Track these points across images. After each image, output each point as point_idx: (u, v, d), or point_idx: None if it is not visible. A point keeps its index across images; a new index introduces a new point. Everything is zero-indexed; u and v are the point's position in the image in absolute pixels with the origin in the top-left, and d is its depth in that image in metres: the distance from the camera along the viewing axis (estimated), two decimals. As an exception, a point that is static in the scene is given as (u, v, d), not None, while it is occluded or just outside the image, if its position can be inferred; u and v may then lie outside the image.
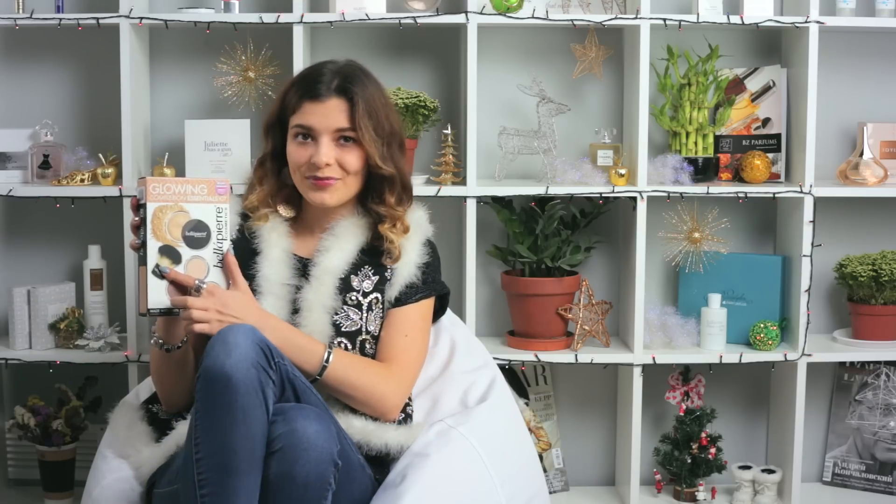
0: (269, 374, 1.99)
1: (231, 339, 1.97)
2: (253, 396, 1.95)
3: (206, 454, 1.95)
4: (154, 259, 2.06)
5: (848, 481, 3.23)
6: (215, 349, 1.96)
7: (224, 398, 1.94)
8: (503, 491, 2.25)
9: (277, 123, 2.35)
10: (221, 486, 1.93)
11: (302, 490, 1.95)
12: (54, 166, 2.99)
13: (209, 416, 1.95)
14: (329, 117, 2.26)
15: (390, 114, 2.33)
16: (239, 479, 1.93)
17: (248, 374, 1.95)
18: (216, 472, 1.94)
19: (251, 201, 2.36)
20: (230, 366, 1.94)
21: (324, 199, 2.28)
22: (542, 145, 3.03)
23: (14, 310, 2.98)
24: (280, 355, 2.05)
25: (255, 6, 3.10)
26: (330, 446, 1.97)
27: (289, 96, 2.32)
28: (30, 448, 3.11)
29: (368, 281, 2.31)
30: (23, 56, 3.13)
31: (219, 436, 1.94)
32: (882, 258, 3.08)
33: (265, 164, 2.37)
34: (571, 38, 3.09)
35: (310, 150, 2.27)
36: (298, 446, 1.95)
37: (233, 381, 1.94)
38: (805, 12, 2.96)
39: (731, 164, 3.14)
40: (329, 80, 2.28)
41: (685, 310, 3.14)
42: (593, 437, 3.29)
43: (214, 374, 1.95)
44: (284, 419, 1.97)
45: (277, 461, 1.95)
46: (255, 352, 1.97)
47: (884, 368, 3.19)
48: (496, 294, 3.20)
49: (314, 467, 1.95)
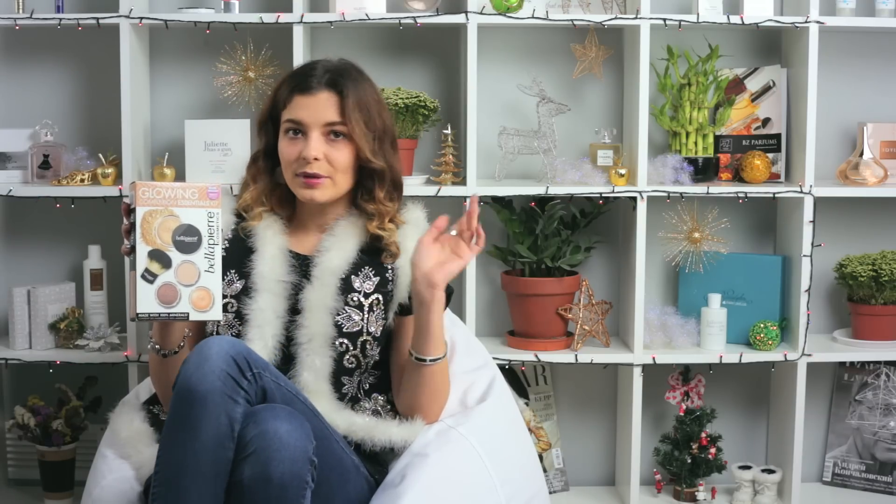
0: (241, 384, 1.99)
1: (205, 351, 1.99)
2: (210, 409, 1.95)
3: (159, 468, 1.98)
4: (143, 263, 2.06)
5: (848, 481, 3.23)
6: (187, 363, 1.99)
7: (181, 412, 1.96)
8: (503, 491, 2.25)
9: (270, 120, 2.35)
10: (166, 499, 1.95)
11: (279, 490, 1.94)
12: (54, 166, 2.99)
13: (168, 431, 1.98)
14: (318, 110, 2.26)
15: (383, 111, 2.33)
16: (186, 494, 1.94)
17: (212, 387, 1.95)
18: (165, 486, 1.96)
19: (245, 200, 2.36)
20: (195, 380, 1.96)
21: (313, 196, 2.28)
22: (542, 145, 3.03)
23: (14, 310, 2.98)
24: (261, 366, 2.05)
25: (255, 6, 3.10)
26: (304, 444, 1.96)
27: (280, 92, 2.33)
28: (30, 448, 3.11)
29: (369, 282, 2.31)
30: (23, 56, 3.13)
31: (170, 450, 1.96)
32: (882, 258, 3.08)
33: (258, 162, 2.38)
34: (571, 38, 3.09)
35: (299, 146, 2.27)
36: (271, 447, 1.94)
37: (192, 395, 1.95)
38: (805, 12, 2.96)
39: (731, 164, 3.14)
40: (320, 75, 2.29)
41: (685, 310, 3.14)
42: (593, 437, 3.29)
43: (178, 388, 1.97)
44: (255, 422, 1.97)
45: (251, 464, 1.94)
46: (225, 363, 1.98)
47: (884, 368, 3.19)
48: (496, 294, 3.20)
49: (289, 466, 1.94)
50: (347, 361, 2.28)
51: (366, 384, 2.32)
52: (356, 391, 2.31)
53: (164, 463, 1.97)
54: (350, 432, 2.21)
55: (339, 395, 2.27)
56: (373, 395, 2.33)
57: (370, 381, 2.33)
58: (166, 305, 2.07)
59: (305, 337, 2.24)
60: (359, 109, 2.27)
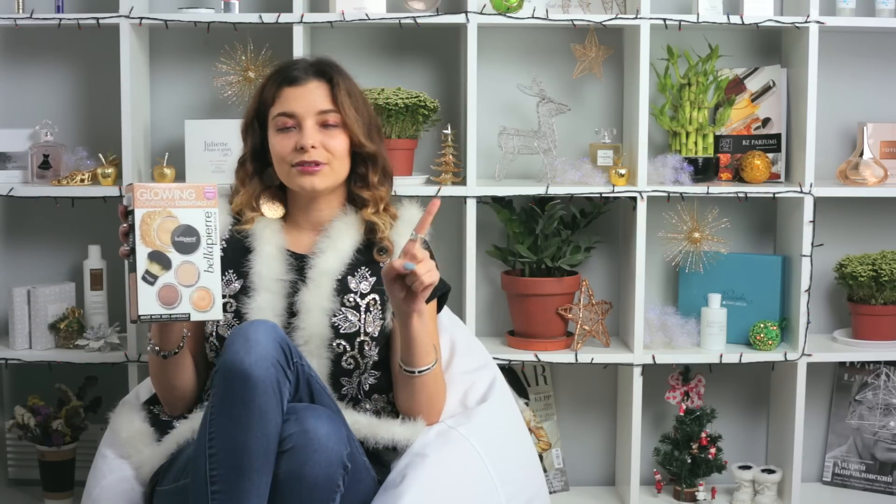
0: (287, 373, 2.00)
1: (252, 335, 1.97)
2: (271, 396, 1.95)
3: (221, 451, 1.95)
4: (143, 265, 2.06)
5: (848, 481, 3.23)
6: (235, 345, 1.96)
7: (242, 396, 1.94)
8: (503, 491, 2.25)
9: (255, 121, 2.37)
10: (233, 484, 1.93)
11: (310, 491, 1.95)
12: (54, 166, 2.99)
13: (225, 413, 1.95)
14: (310, 99, 2.28)
15: (366, 102, 2.38)
16: (251, 479, 1.93)
17: (268, 373, 1.95)
18: (229, 470, 1.94)
19: (237, 204, 2.37)
20: (250, 363, 1.94)
21: (313, 184, 2.28)
22: (542, 145, 3.03)
23: (14, 310, 2.98)
24: (299, 355, 2.06)
25: (255, 6, 3.10)
26: (340, 448, 1.97)
27: (266, 90, 2.34)
28: (30, 448, 3.11)
29: (366, 282, 2.31)
30: (23, 56, 3.13)
31: (235, 434, 1.94)
32: (882, 258, 3.08)
33: (245, 166, 2.38)
34: (571, 38, 3.09)
35: (294, 138, 2.28)
36: (309, 447, 1.95)
37: (252, 379, 1.93)
38: (805, 12, 2.96)
39: (731, 164, 3.14)
40: (305, 67, 2.33)
41: (685, 310, 3.14)
42: (593, 437, 3.29)
43: (233, 371, 1.94)
44: (297, 419, 1.97)
45: (287, 461, 1.95)
46: (275, 350, 1.98)
47: (884, 368, 3.19)
48: (496, 294, 3.20)
49: (323, 469, 1.95)
50: (345, 362, 2.28)
51: (366, 385, 2.32)
52: (356, 391, 2.31)
53: (222, 445, 1.94)
54: (353, 431, 2.21)
55: (339, 396, 2.28)
56: (373, 396, 2.33)
57: (370, 382, 2.33)
58: (167, 306, 2.07)
59: (302, 339, 2.24)
60: (349, 95, 2.31)
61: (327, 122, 2.29)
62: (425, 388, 2.23)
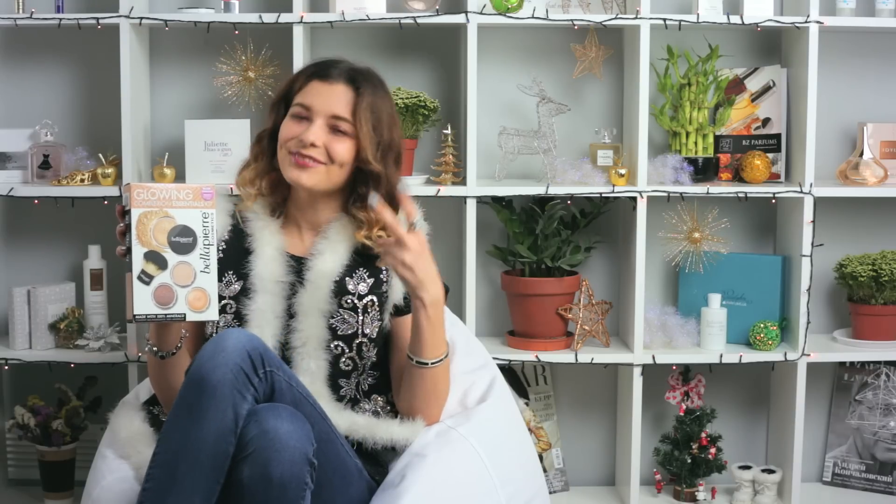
0: (251, 381, 1.99)
1: (220, 343, 1.99)
2: (219, 399, 1.95)
3: (161, 451, 1.98)
4: (139, 265, 2.05)
5: (848, 481, 3.23)
6: (203, 352, 1.99)
7: (190, 400, 1.97)
8: (503, 491, 2.25)
9: (283, 102, 2.34)
10: (161, 482, 1.96)
11: (279, 491, 1.94)
12: (54, 166, 2.99)
13: (174, 415, 1.99)
14: (331, 100, 2.26)
15: (394, 128, 2.32)
16: (182, 480, 1.94)
17: (223, 378, 1.96)
18: (162, 469, 1.97)
19: (244, 176, 2.35)
20: (207, 370, 1.96)
21: (300, 178, 2.26)
22: (542, 145, 3.03)
23: (14, 310, 2.98)
24: (277, 364, 2.05)
25: (255, 6, 3.10)
26: (304, 446, 1.97)
27: (299, 76, 2.33)
28: (30, 448, 3.11)
29: (364, 284, 2.30)
30: (23, 56, 3.13)
31: (172, 435, 1.97)
32: (882, 258, 3.08)
33: (262, 142, 2.36)
34: (571, 38, 3.09)
35: (301, 128, 2.26)
36: (271, 447, 1.94)
37: (202, 383, 1.96)
38: (805, 12, 2.96)
39: (731, 164, 3.14)
40: (343, 69, 2.30)
41: (685, 310, 3.14)
42: (593, 437, 3.29)
43: (192, 377, 1.98)
44: (257, 420, 1.97)
45: (251, 464, 1.95)
46: (239, 357, 1.98)
47: (884, 368, 3.19)
48: (496, 294, 3.20)
49: (288, 468, 1.94)
50: (343, 364, 2.28)
51: (364, 385, 2.32)
52: (355, 393, 2.31)
53: (164, 446, 1.98)
54: (351, 431, 2.21)
55: (338, 398, 2.27)
56: (372, 397, 2.33)
57: (369, 383, 2.33)
58: (163, 306, 2.07)
59: (300, 340, 2.24)
60: (370, 111, 2.26)
61: (338, 127, 2.25)
62: (433, 381, 2.23)
